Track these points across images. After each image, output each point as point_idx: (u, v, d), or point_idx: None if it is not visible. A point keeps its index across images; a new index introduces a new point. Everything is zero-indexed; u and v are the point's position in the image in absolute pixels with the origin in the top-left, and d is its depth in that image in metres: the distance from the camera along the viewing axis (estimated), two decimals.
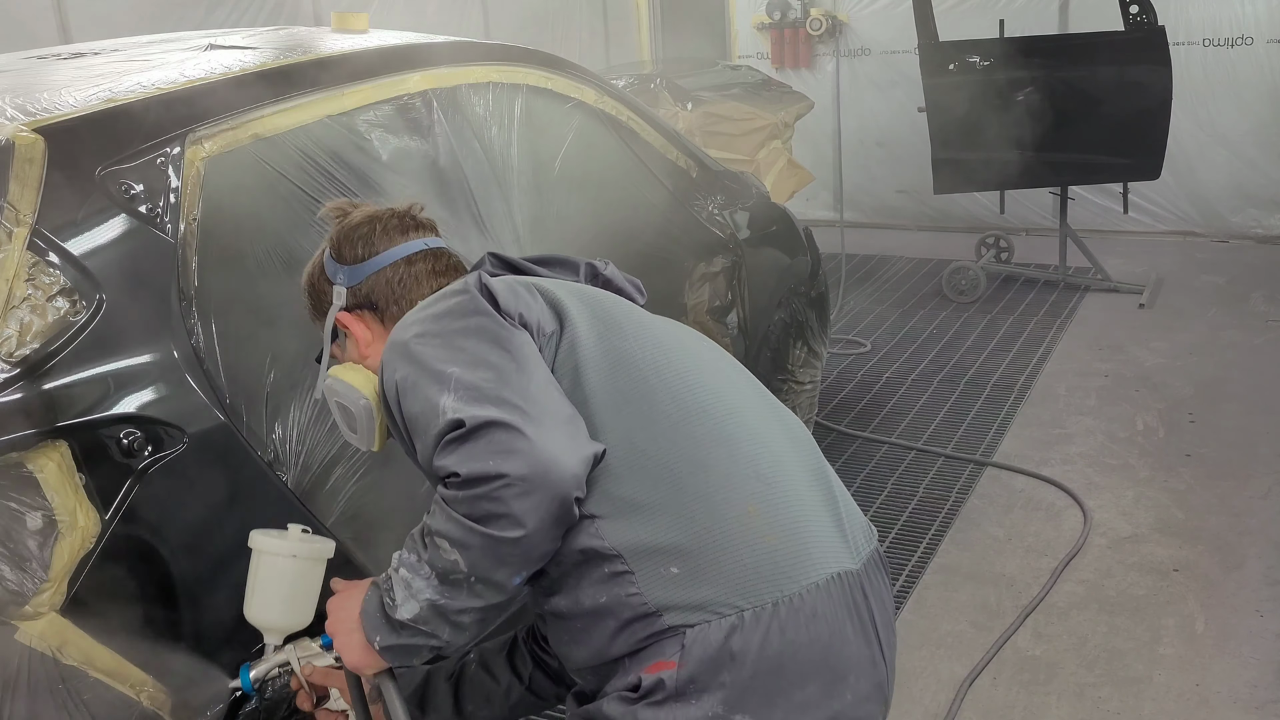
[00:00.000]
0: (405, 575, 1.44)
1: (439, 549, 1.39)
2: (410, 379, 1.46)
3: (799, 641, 1.40)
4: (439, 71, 2.71)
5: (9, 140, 1.84)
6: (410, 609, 1.43)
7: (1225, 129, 6.89)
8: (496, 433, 1.35)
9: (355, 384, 1.71)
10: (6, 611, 1.70)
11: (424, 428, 1.43)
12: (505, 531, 1.35)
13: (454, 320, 1.51)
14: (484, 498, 1.34)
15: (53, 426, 1.75)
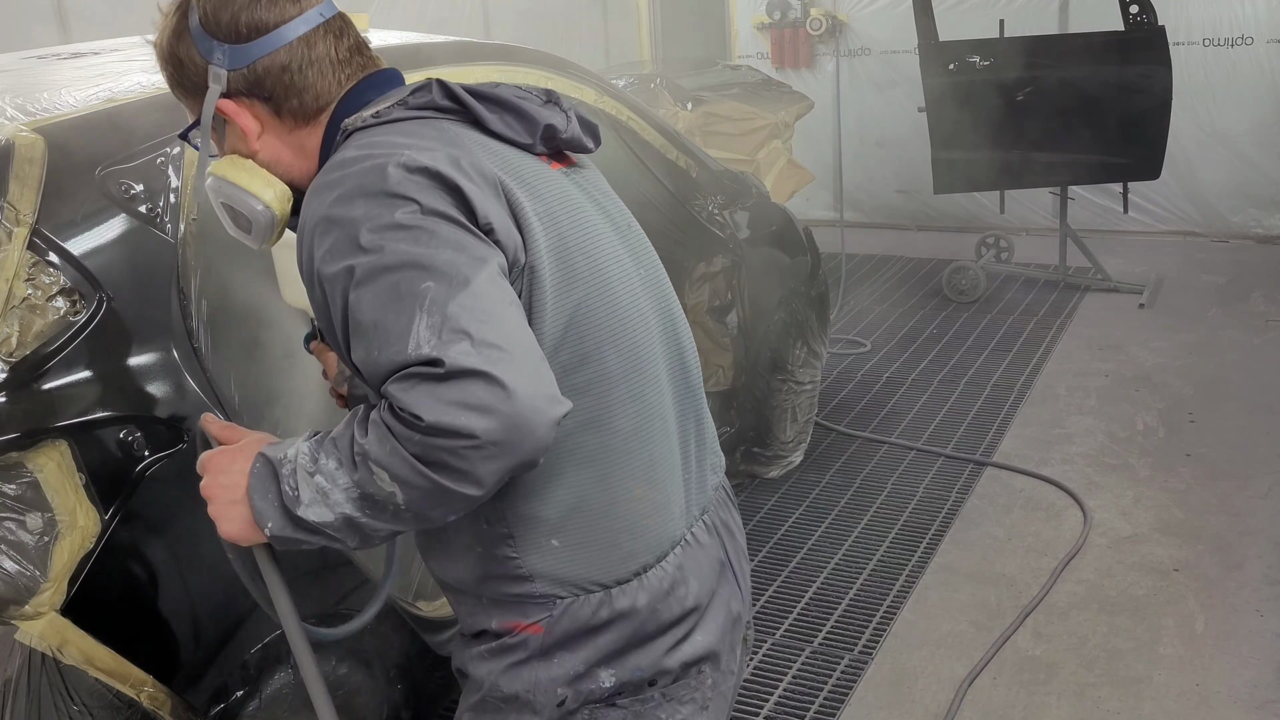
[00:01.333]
0: (321, 483, 1.29)
1: (375, 477, 1.25)
2: (368, 275, 1.26)
3: (660, 601, 1.46)
4: (439, 71, 2.70)
5: (9, 140, 1.85)
6: (319, 514, 1.30)
7: (1225, 129, 6.89)
8: (475, 385, 1.20)
9: (251, 188, 1.48)
10: (6, 611, 1.70)
11: (377, 341, 1.25)
12: (461, 487, 1.23)
13: (420, 214, 1.28)
14: (445, 450, 1.21)
15: (53, 426, 1.75)
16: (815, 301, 4.19)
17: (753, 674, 3.09)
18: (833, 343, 5.40)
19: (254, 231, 1.52)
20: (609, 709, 1.46)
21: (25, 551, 1.71)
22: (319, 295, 1.33)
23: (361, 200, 1.29)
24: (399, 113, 1.41)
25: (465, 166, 1.34)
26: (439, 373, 1.21)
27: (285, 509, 1.31)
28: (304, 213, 1.35)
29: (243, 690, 2.03)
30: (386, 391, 1.24)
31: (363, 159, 1.33)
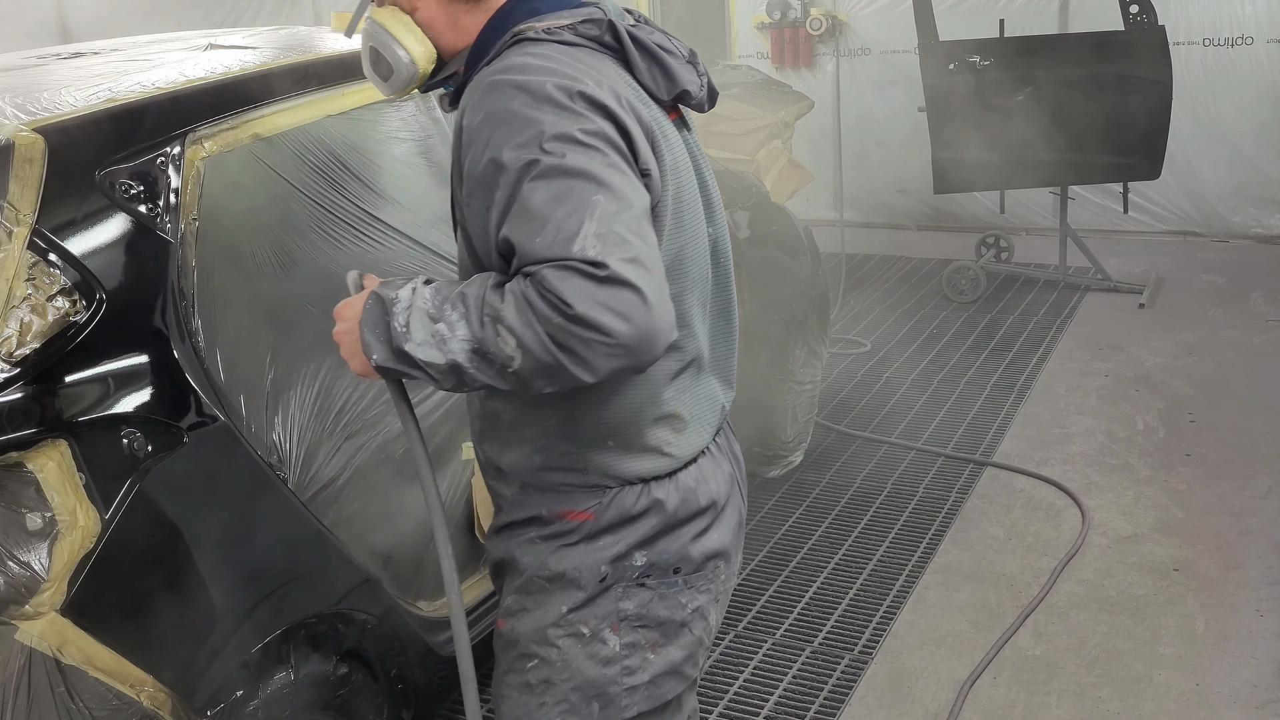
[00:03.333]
0: (441, 330, 1.43)
1: (499, 338, 1.38)
2: (547, 172, 1.39)
3: (688, 495, 1.65)
4: None
5: (9, 140, 1.85)
6: (429, 354, 1.44)
7: (1225, 129, 6.88)
8: (626, 293, 1.35)
9: (403, 40, 1.61)
10: (6, 611, 1.70)
11: (544, 230, 1.37)
12: (578, 370, 1.37)
13: (598, 139, 1.43)
14: (578, 339, 1.34)
15: (53, 426, 1.75)
16: (815, 301, 4.18)
17: (753, 674, 3.09)
18: (833, 343, 5.40)
19: (391, 80, 1.64)
20: (639, 588, 1.64)
21: (25, 551, 1.71)
22: (482, 173, 1.45)
23: (549, 108, 1.43)
24: (569, 36, 1.54)
25: (634, 113, 1.50)
26: (599, 274, 1.34)
27: (391, 343, 1.47)
28: (483, 100, 1.47)
29: (243, 690, 2.03)
30: (539, 274, 1.36)
31: (547, 71, 1.46)
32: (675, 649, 1.68)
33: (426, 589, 2.61)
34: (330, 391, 2.29)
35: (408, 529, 2.54)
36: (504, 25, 1.58)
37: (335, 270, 2.34)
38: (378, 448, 2.40)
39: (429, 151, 2.63)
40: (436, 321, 1.44)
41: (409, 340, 1.45)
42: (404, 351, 1.45)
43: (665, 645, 1.67)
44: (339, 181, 2.36)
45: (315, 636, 2.22)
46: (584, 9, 1.59)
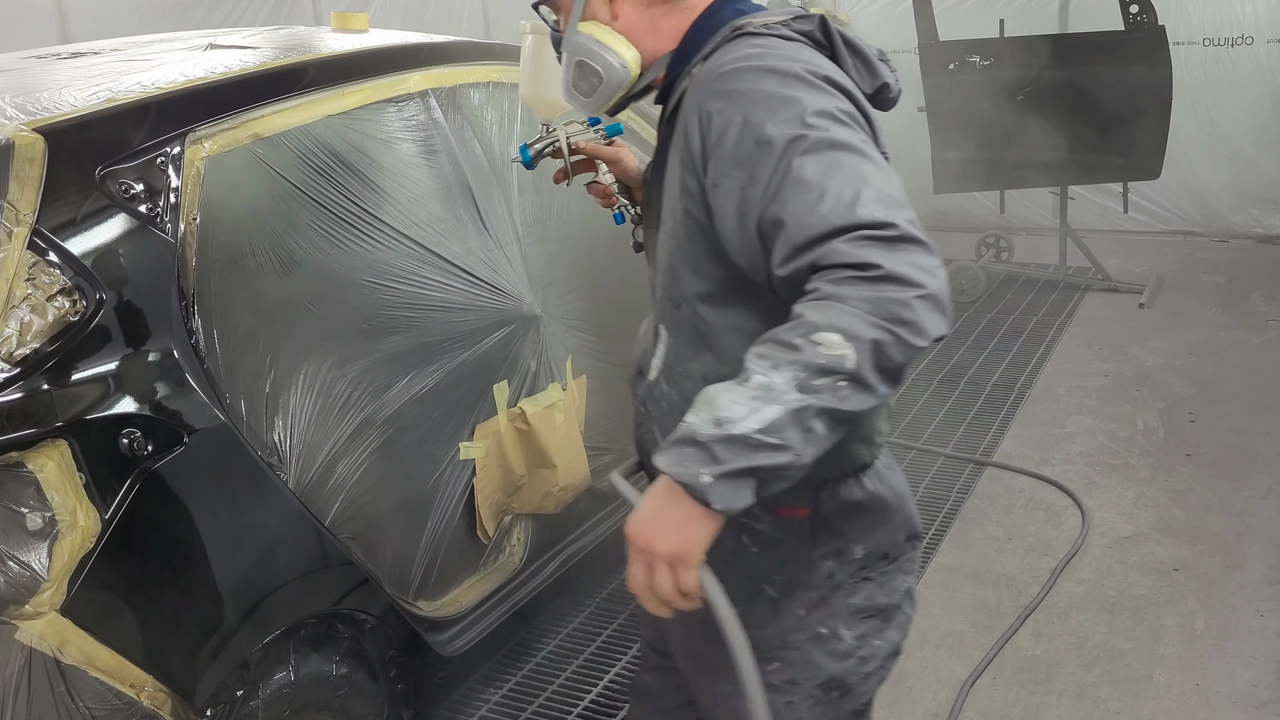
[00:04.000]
0: (756, 384, 1.28)
1: (820, 345, 1.27)
2: (815, 146, 1.37)
3: (888, 481, 1.65)
4: (439, 71, 2.71)
5: (9, 140, 1.84)
6: (762, 416, 1.27)
7: (1225, 129, 6.88)
8: (920, 252, 1.32)
9: (615, 48, 1.62)
10: (6, 611, 1.70)
11: (823, 200, 1.34)
12: (911, 336, 1.29)
13: (850, 115, 1.44)
14: (896, 301, 1.28)
15: (53, 426, 1.75)
16: None
17: None
18: None
19: (600, 89, 1.64)
20: (863, 581, 1.63)
21: (25, 551, 1.71)
22: (740, 153, 1.42)
23: (802, 87, 1.43)
24: (786, 32, 1.55)
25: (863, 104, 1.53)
26: (891, 235, 1.31)
27: (717, 455, 1.29)
28: (724, 86, 1.46)
29: (243, 690, 2.03)
30: (829, 251, 1.31)
31: (786, 57, 1.47)
32: (894, 631, 1.71)
33: (426, 589, 2.61)
34: (330, 391, 2.29)
35: (408, 529, 2.54)
36: (713, 24, 1.59)
37: (335, 270, 2.34)
38: (378, 447, 2.40)
39: (429, 151, 2.63)
40: (747, 384, 1.30)
41: (734, 425, 1.28)
42: (735, 438, 1.28)
43: (886, 629, 1.69)
44: (339, 181, 2.36)
45: (315, 636, 2.22)
46: (789, 7, 1.61)
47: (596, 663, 3.18)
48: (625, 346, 3.20)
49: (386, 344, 2.44)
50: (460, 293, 2.61)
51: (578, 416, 2.99)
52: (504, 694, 3.07)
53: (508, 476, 2.78)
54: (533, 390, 2.83)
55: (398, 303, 2.47)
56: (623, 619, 3.37)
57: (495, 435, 2.71)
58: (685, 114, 1.52)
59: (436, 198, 2.62)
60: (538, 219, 2.94)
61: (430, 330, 2.54)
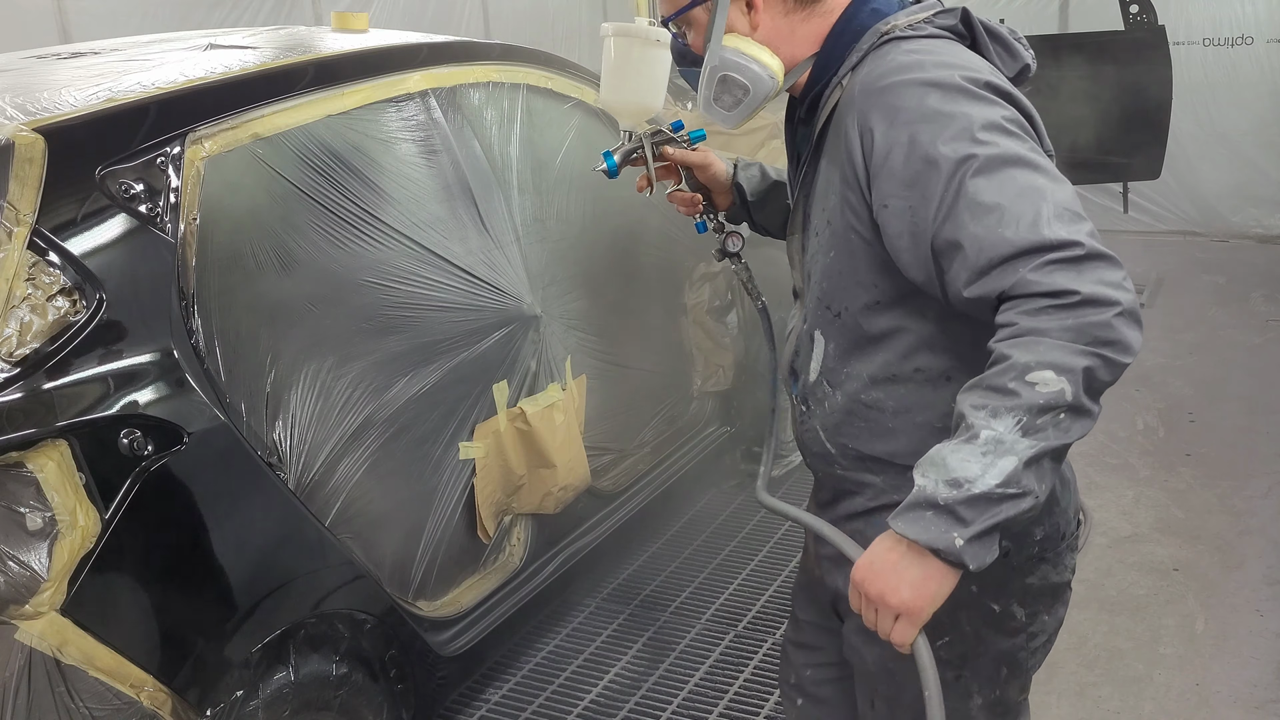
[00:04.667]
0: (985, 439, 1.30)
1: (1036, 385, 1.28)
2: (988, 164, 1.37)
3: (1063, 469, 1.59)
4: (439, 71, 2.71)
5: (9, 140, 1.84)
6: (999, 470, 1.29)
7: (1225, 129, 6.88)
8: (1107, 266, 1.34)
9: (760, 58, 1.62)
10: (6, 611, 1.70)
11: (1004, 221, 1.34)
12: (1118, 355, 1.32)
13: (1015, 123, 1.44)
14: (1097, 324, 1.31)
15: (53, 426, 1.75)
16: None
17: (752, 674, 3.09)
18: None
19: (745, 101, 1.65)
20: (1040, 561, 1.63)
21: (25, 551, 1.71)
22: (909, 173, 1.42)
23: (966, 100, 1.43)
24: (932, 30, 1.55)
25: (1023, 103, 1.51)
26: (1078, 254, 1.33)
27: (960, 514, 1.31)
28: (888, 102, 1.46)
29: (243, 690, 2.03)
30: (1025, 279, 1.32)
31: (945, 65, 1.47)
32: (1061, 606, 1.72)
33: (426, 589, 2.61)
34: (330, 391, 2.29)
35: (408, 529, 2.54)
36: (855, 28, 1.59)
37: (335, 270, 2.34)
38: (378, 447, 2.40)
39: (429, 151, 2.62)
40: (974, 440, 1.31)
41: (973, 485, 1.30)
42: (978, 498, 1.30)
43: (1055, 605, 1.70)
44: (339, 181, 2.36)
45: (315, 636, 2.22)
46: (927, 2, 1.61)
47: (597, 663, 3.18)
48: (625, 346, 3.21)
49: (386, 344, 2.44)
50: (460, 293, 2.61)
51: (578, 416, 2.99)
52: (504, 694, 3.07)
53: (508, 476, 2.78)
54: (533, 390, 2.83)
55: (398, 303, 2.47)
56: (623, 619, 3.37)
57: (495, 435, 2.71)
58: (844, 129, 1.52)
59: (436, 198, 2.62)
60: (538, 219, 2.94)
61: (430, 330, 2.54)
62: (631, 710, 2.97)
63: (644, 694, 3.04)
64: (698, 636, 3.28)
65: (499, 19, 7.49)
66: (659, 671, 3.13)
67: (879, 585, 1.38)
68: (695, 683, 3.07)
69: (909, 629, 1.39)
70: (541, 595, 2.91)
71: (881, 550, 1.39)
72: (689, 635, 3.28)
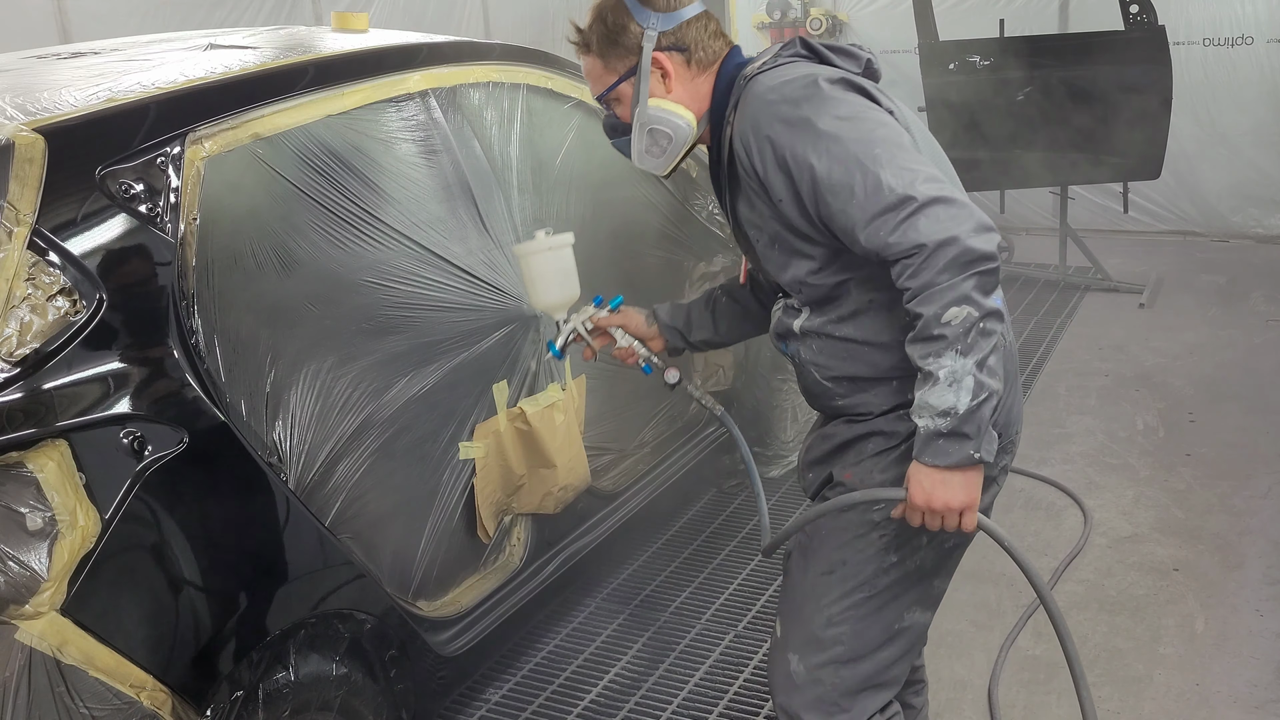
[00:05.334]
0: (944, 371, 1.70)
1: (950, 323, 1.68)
2: (833, 152, 1.75)
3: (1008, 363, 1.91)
4: (439, 71, 2.71)
5: (9, 140, 1.84)
6: (966, 389, 1.69)
7: (1225, 129, 6.88)
8: (940, 207, 1.70)
9: (679, 113, 2.02)
10: (6, 611, 1.70)
11: (854, 196, 1.73)
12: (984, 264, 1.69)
13: (853, 108, 1.81)
14: (956, 256, 1.68)
15: (53, 426, 1.75)
16: None
17: (752, 674, 3.09)
18: None
19: (669, 148, 2.05)
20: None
21: (25, 551, 1.71)
22: (782, 180, 1.83)
23: (808, 106, 1.81)
24: (781, 60, 1.95)
25: (857, 79, 1.90)
26: (914, 208, 1.69)
27: (960, 433, 1.72)
28: (757, 125, 1.85)
29: (243, 690, 2.03)
30: (887, 245, 1.71)
31: (789, 83, 1.85)
32: (987, 496, 1.98)
33: (426, 589, 2.61)
34: (330, 391, 2.30)
35: (408, 529, 2.54)
36: (727, 80, 2.01)
37: (335, 270, 2.34)
38: (378, 447, 2.40)
39: (429, 151, 2.63)
40: (937, 381, 1.72)
41: (958, 409, 1.70)
42: (966, 414, 1.71)
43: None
44: (339, 181, 2.36)
45: (315, 636, 2.22)
46: (773, 47, 2.01)
47: (596, 663, 3.18)
48: None
49: (386, 344, 2.44)
50: (460, 293, 2.61)
51: (577, 416, 2.99)
52: (504, 694, 3.07)
53: (508, 476, 2.78)
54: (532, 390, 2.83)
55: (398, 303, 2.47)
56: (623, 619, 3.37)
57: (495, 435, 2.71)
58: (737, 155, 1.90)
59: (436, 198, 2.62)
60: (537, 219, 2.94)
61: (430, 330, 2.54)
62: (631, 710, 2.98)
63: (644, 694, 3.04)
64: (698, 636, 3.28)
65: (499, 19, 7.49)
66: (659, 671, 3.13)
67: (941, 500, 1.77)
68: (695, 683, 3.07)
69: (972, 516, 1.80)
70: (541, 595, 2.91)
71: (925, 478, 1.77)
72: (689, 635, 3.29)
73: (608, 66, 2.06)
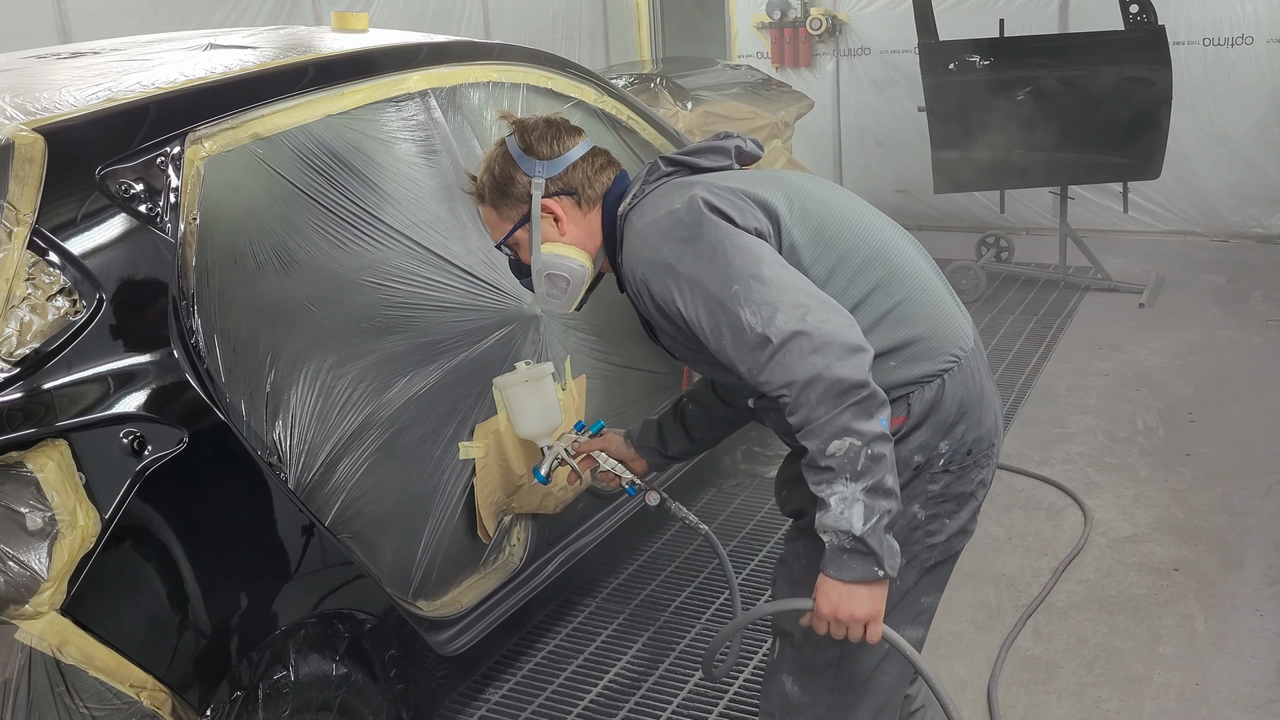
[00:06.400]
0: (835, 498, 1.74)
1: (834, 455, 1.73)
2: (695, 294, 1.84)
3: (969, 385, 1.97)
4: (439, 71, 2.71)
5: (9, 140, 1.84)
6: (859, 511, 1.73)
7: (1225, 129, 6.88)
8: (800, 341, 1.74)
9: (573, 256, 2.10)
10: (6, 611, 1.70)
11: (725, 338, 1.81)
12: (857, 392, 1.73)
13: (705, 241, 1.85)
14: (825, 389, 1.72)
15: (53, 426, 1.75)
16: None
17: (753, 674, 3.09)
18: None
19: (569, 289, 2.13)
20: (943, 473, 1.97)
21: (25, 551, 1.71)
22: (665, 319, 1.93)
23: (667, 247, 1.89)
24: (648, 190, 2.04)
25: (715, 195, 1.93)
26: (775, 347, 1.75)
27: (861, 552, 1.76)
28: (630, 268, 1.96)
29: (242, 690, 2.03)
30: (761, 383, 1.78)
31: (652, 224, 1.94)
32: (965, 513, 2.03)
33: (426, 589, 2.61)
34: (330, 391, 2.29)
35: (408, 529, 2.54)
36: (609, 218, 2.09)
37: (335, 270, 2.34)
38: (378, 447, 2.40)
39: (429, 151, 2.63)
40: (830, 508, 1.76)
41: (854, 529, 1.74)
42: (866, 534, 1.74)
43: (958, 512, 2.02)
44: (339, 181, 2.36)
45: (315, 636, 2.22)
46: (640, 175, 2.08)
47: (596, 663, 3.18)
48: (625, 346, 3.21)
49: (386, 344, 2.44)
50: (460, 293, 2.61)
51: (577, 416, 2.99)
52: (504, 694, 3.07)
53: (508, 476, 2.78)
54: None
55: (398, 303, 2.47)
56: (623, 619, 3.37)
57: (495, 435, 2.71)
58: (631, 295, 2.01)
59: (436, 198, 2.62)
60: None
61: (430, 330, 2.54)
62: (631, 710, 2.98)
63: (644, 694, 3.04)
64: (698, 636, 3.28)
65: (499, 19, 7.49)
66: (659, 671, 3.13)
67: (846, 612, 1.80)
68: (695, 682, 3.07)
69: (877, 627, 1.82)
70: (541, 595, 2.91)
71: (832, 590, 1.80)
72: (689, 635, 3.29)
73: (502, 216, 2.13)
